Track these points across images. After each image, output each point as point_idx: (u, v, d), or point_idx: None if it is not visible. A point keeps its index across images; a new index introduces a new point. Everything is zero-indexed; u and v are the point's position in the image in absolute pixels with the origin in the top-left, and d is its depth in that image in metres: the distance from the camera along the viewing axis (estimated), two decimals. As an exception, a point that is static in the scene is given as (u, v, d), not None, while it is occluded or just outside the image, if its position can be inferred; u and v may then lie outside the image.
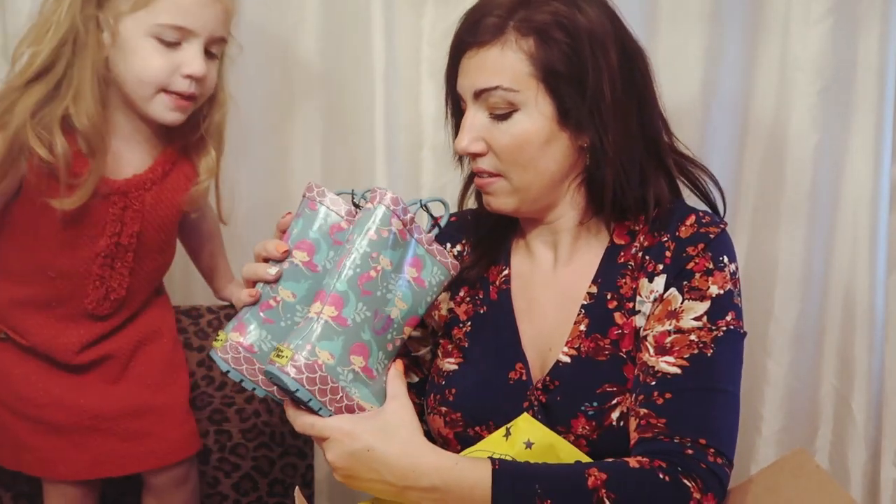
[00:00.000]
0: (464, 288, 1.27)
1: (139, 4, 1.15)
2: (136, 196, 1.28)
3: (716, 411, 1.07)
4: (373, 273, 1.04)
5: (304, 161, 1.71)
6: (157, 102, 1.21)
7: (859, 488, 1.74)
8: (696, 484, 1.00)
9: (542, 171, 1.13)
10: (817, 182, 1.67)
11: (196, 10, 1.17)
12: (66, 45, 1.16)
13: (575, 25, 1.07)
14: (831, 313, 1.75)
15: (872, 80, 1.63)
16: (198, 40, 1.19)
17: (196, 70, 1.19)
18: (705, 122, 1.67)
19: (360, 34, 1.63)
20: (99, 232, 1.26)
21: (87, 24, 1.15)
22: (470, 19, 1.12)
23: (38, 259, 1.28)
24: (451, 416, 1.20)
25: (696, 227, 1.14)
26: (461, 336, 1.24)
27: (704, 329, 1.09)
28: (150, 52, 1.17)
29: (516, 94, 1.09)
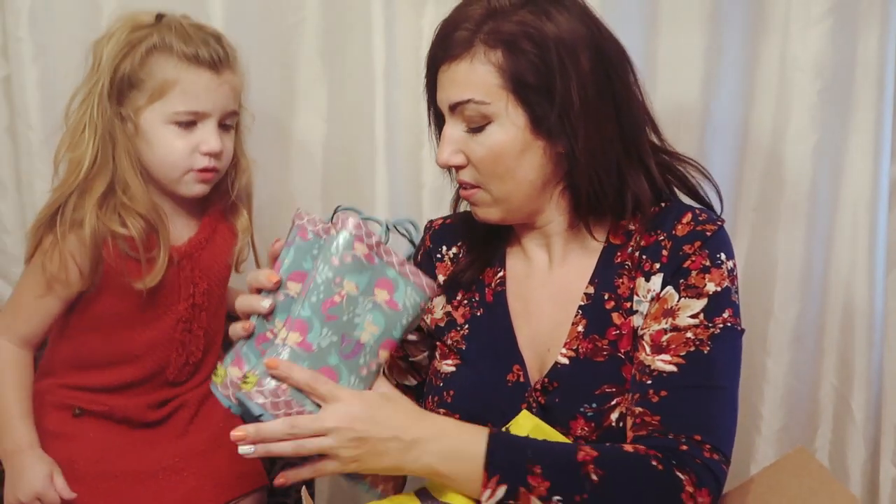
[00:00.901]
0: (460, 291, 1.27)
1: (154, 97, 1.25)
2: (198, 256, 1.36)
3: (712, 408, 1.07)
4: (337, 298, 1.04)
5: (304, 161, 1.71)
6: (184, 181, 1.31)
7: (858, 487, 1.74)
8: (690, 477, 1.00)
9: (520, 180, 1.13)
10: (817, 182, 1.67)
11: (206, 94, 1.26)
12: (105, 142, 1.26)
13: (542, 35, 1.07)
14: (831, 313, 1.74)
15: (872, 80, 1.63)
16: (212, 119, 1.28)
17: (214, 147, 1.29)
18: (705, 122, 1.67)
19: (360, 34, 1.63)
20: (176, 298, 1.35)
21: (113, 121, 1.26)
22: (441, 33, 1.13)
23: (124, 344, 1.34)
24: (450, 417, 1.19)
25: (692, 224, 1.14)
26: (458, 338, 1.24)
27: (701, 327, 1.09)
28: (171, 139, 1.27)
29: (488, 106, 1.09)
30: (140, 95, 1.26)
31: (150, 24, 1.28)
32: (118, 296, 1.31)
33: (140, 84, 1.25)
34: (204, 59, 1.25)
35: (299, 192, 1.73)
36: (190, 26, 1.28)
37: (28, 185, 1.61)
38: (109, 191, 1.27)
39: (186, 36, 1.26)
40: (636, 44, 1.64)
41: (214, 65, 1.27)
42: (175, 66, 1.25)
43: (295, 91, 1.69)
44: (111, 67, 1.25)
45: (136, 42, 1.25)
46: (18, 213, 1.65)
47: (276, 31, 1.65)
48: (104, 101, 1.25)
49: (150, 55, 1.24)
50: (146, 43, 1.25)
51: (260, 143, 1.67)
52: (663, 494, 1.00)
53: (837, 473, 1.75)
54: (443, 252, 1.32)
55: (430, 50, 1.15)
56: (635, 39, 1.64)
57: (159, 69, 1.24)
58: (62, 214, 1.26)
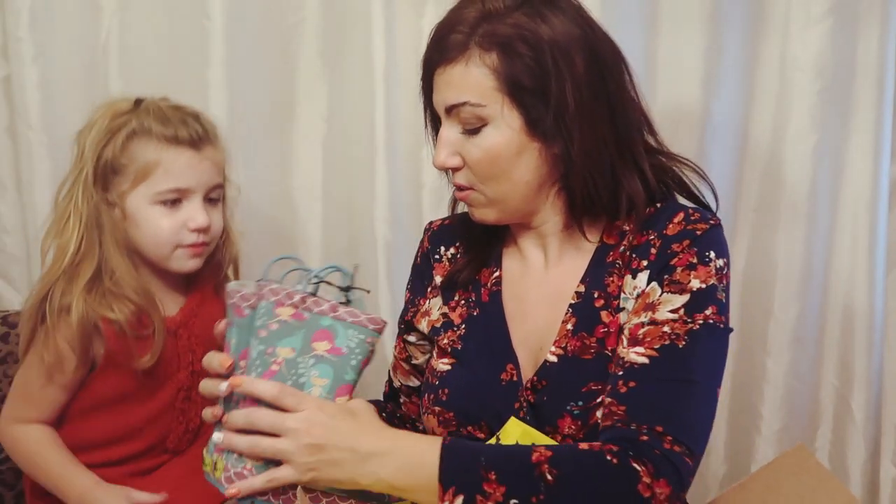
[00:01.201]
0: (458, 292, 1.27)
1: (138, 180, 1.27)
2: (193, 324, 1.38)
3: (679, 401, 1.06)
4: (274, 367, 1.03)
5: (304, 161, 1.71)
6: (175, 257, 1.33)
7: (859, 487, 1.74)
8: (647, 468, 1.00)
9: (516, 181, 1.13)
10: (817, 182, 1.67)
11: (189, 171, 1.29)
12: (90, 229, 1.29)
13: (537, 37, 1.07)
14: (831, 313, 1.74)
15: (872, 81, 1.63)
16: (196, 195, 1.30)
17: (201, 222, 1.31)
18: (705, 122, 1.67)
19: (360, 34, 1.64)
20: (176, 367, 1.36)
21: (99, 207, 1.29)
22: (436, 36, 1.13)
23: (126, 419, 1.35)
24: (445, 415, 1.20)
25: (683, 224, 1.14)
26: (455, 339, 1.24)
27: (679, 321, 1.09)
28: (158, 218, 1.29)
29: (483, 108, 1.09)
30: (124, 180, 1.28)
31: (128, 110, 1.30)
32: (120, 374, 1.32)
33: (123, 169, 1.28)
34: (183, 138, 1.28)
35: (299, 192, 1.73)
36: (168, 108, 1.31)
37: (28, 185, 1.62)
38: (96, 276, 1.29)
39: (164, 118, 1.29)
40: (636, 44, 1.65)
41: (194, 142, 1.29)
42: (155, 147, 1.27)
43: (295, 91, 1.69)
44: (94, 156, 1.28)
45: (116, 129, 1.28)
46: (18, 213, 1.65)
47: (276, 31, 1.65)
48: (88, 188, 1.28)
49: (130, 140, 1.27)
50: (126, 129, 1.27)
51: (260, 143, 1.68)
52: (620, 487, 0.99)
53: (838, 473, 1.75)
54: (441, 252, 1.32)
55: (426, 52, 1.15)
56: (635, 39, 1.65)
57: (140, 153, 1.27)
58: (50, 302, 1.28)
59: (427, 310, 1.31)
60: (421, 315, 1.32)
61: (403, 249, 1.64)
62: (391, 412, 1.39)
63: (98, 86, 1.62)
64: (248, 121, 1.65)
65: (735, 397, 1.82)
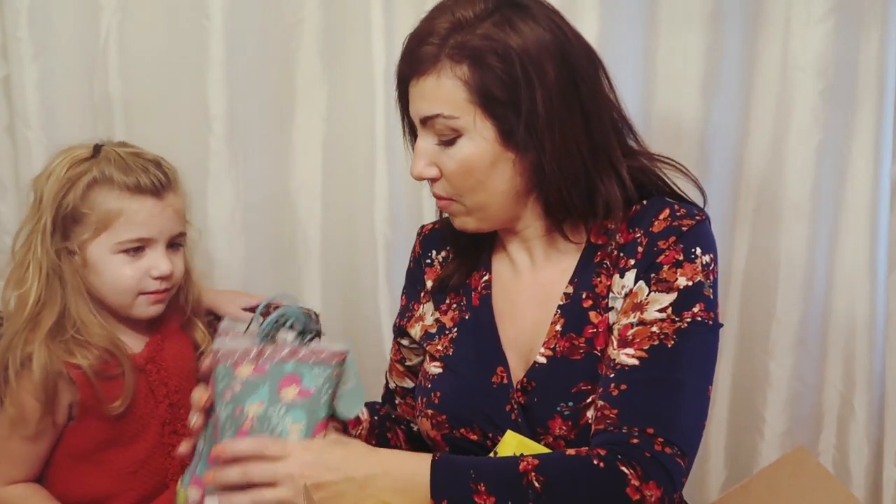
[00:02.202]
0: (449, 295, 1.28)
1: (100, 229, 1.27)
2: (160, 357, 1.36)
3: (670, 402, 1.06)
4: (247, 424, 1.03)
5: (304, 161, 1.71)
6: (137, 304, 1.32)
7: (862, 489, 1.73)
8: (636, 471, 1.00)
9: (493, 191, 1.13)
10: (819, 182, 1.66)
11: (151, 220, 1.28)
12: (50, 278, 1.28)
13: (506, 48, 1.07)
14: (833, 314, 1.74)
15: (873, 80, 1.63)
16: (159, 244, 1.30)
17: (164, 270, 1.30)
18: (705, 123, 1.67)
19: (360, 34, 1.64)
20: (154, 402, 1.35)
21: (60, 256, 1.28)
22: (408, 48, 1.13)
23: (120, 465, 1.33)
24: (438, 418, 1.21)
25: (669, 220, 1.13)
26: (447, 343, 1.25)
27: (667, 321, 1.09)
28: (120, 266, 1.28)
29: (456, 120, 1.09)
30: (85, 229, 1.27)
31: (88, 157, 1.29)
32: (98, 420, 1.30)
33: (83, 218, 1.26)
34: (146, 186, 1.27)
35: (299, 192, 1.72)
36: (128, 155, 1.29)
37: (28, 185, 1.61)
38: (58, 324, 1.28)
39: (125, 166, 1.27)
40: (636, 44, 1.65)
41: (157, 191, 1.28)
42: (117, 197, 1.26)
43: (295, 91, 1.69)
44: (53, 205, 1.26)
45: (76, 178, 1.26)
46: (18, 213, 1.64)
47: (276, 31, 1.65)
48: (47, 238, 1.27)
49: (91, 189, 1.26)
50: (86, 177, 1.26)
51: (260, 143, 1.68)
52: (608, 490, 1.00)
53: (841, 476, 1.74)
54: (432, 257, 1.33)
55: (399, 64, 1.15)
56: (635, 39, 1.65)
57: (102, 201, 1.26)
58: (13, 354, 1.27)
59: (421, 315, 1.32)
60: (415, 320, 1.32)
61: (403, 249, 1.62)
62: (385, 416, 1.40)
63: (97, 86, 1.62)
64: (247, 121, 1.65)
65: (737, 400, 1.81)
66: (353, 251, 1.74)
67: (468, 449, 1.20)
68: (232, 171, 1.64)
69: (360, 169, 1.68)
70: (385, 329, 1.72)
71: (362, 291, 1.74)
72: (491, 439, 1.17)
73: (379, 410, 1.40)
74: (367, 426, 1.37)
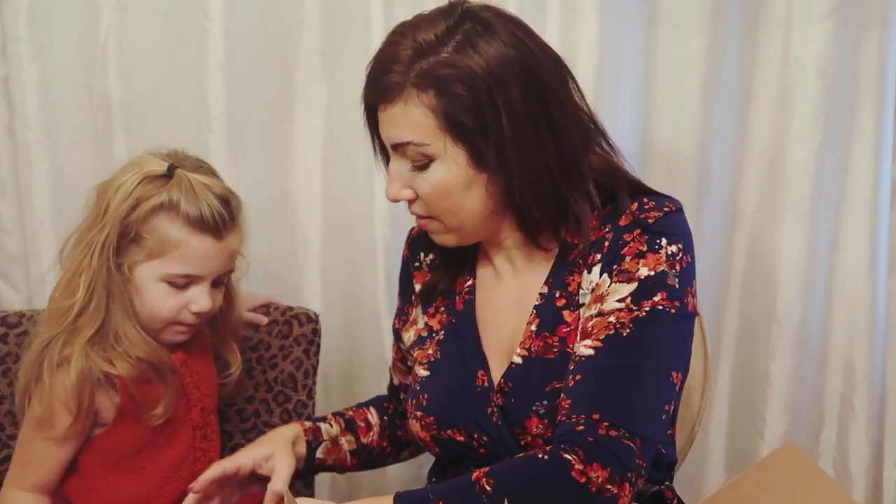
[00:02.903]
0: (437, 298, 1.29)
1: (153, 255, 1.24)
2: (191, 362, 1.36)
3: (620, 387, 1.07)
4: None
5: (304, 161, 1.71)
6: (167, 331, 1.31)
7: (862, 490, 1.73)
8: (578, 456, 1.02)
9: (468, 212, 1.14)
10: (819, 182, 1.66)
11: (203, 260, 1.26)
12: (99, 290, 1.26)
13: (471, 73, 1.07)
14: (834, 315, 1.74)
15: (874, 80, 1.62)
16: (205, 281, 1.28)
17: (203, 308, 1.28)
18: (705, 122, 1.67)
19: (360, 34, 1.63)
20: (188, 406, 1.35)
21: (111, 270, 1.26)
22: (372, 76, 1.13)
23: (154, 470, 1.33)
24: (426, 419, 1.23)
25: (636, 213, 1.14)
26: (436, 346, 1.26)
27: (625, 310, 1.09)
28: (163, 295, 1.27)
29: (427, 146, 1.10)
30: (139, 250, 1.25)
31: (160, 175, 1.26)
32: (133, 427, 1.31)
33: (141, 240, 1.24)
34: (209, 224, 1.24)
35: (299, 193, 1.72)
36: (200, 185, 1.26)
37: (27, 185, 1.61)
38: (99, 334, 1.27)
39: (195, 199, 1.24)
40: (636, 44, 1.65)
41: (218, 231, 1.25)
42: (179, 228, 1.24)
43: (295, 91, 1.69)
44: (118, 219, 1.24)
45: (143, 198, 1.24)
46: (18, 213, 1.65)
47: (276, 31, 1.65)
48: (106, 251, 1.25)
49: (155, 213, 1.23)
50: (154, 200, 1.23)
51: (260, 142, 1.68)
52: (554, 479, 1.02)
53: (841, 476, 1.74)
54: (420, 259, 1.35)
55: (364, 91, 1.15)
56: (635, 39, 1.65)
57: (163, 229, 1.23)
58: (49, 354, 1.26)
59: (415, 318, 1.33)
60: (409, 324, 1.34)
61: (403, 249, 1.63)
62: (393, 413, 1.43)
63: (97, 85, 1.62)
64: (247, 121, 1.65)
65: (737, 401, 1.81)
66: (353, 251, 1.74)
67: (456, 449, 1.22)
68: (232, 171, 1.63)
69: (360, 169, 1.68)
70: (385, 329, 1.72)
71: (362, 291, 1.74)
72: (477, 440, 1.19)
73: (387, 409, 1.42)
74: (378, 429, 1.39)
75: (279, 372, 1.52)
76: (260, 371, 1.52)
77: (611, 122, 1.18)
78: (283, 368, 1.52)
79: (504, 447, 1.16)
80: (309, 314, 1.54)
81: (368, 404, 1.44)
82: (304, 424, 1.32)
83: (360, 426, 1.38)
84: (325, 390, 1.77)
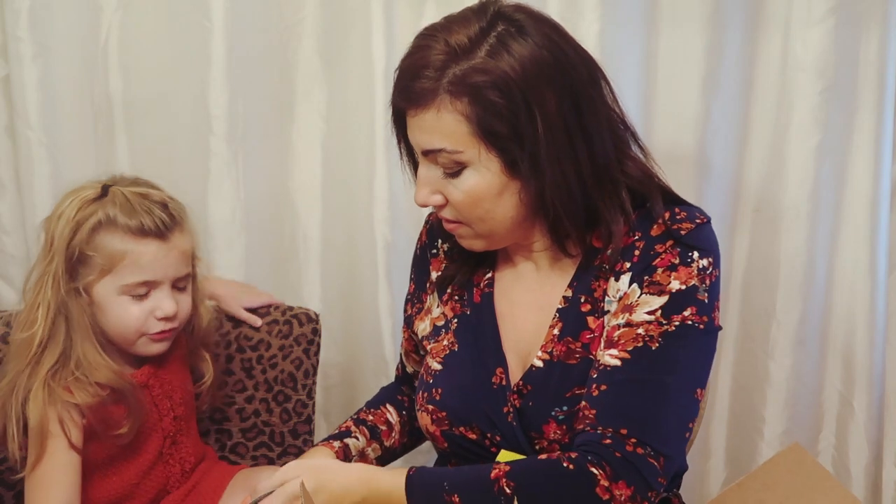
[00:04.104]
0: (452, 286, 1.27)
1: (105, 271, 1.27)
2: (162, 373, 1.37)
3: (647, 403, 1.06)
4: None
5: (304, 161, 1.71)
6: (140, 343, 1.32)
7: (861, 489, 1.73)
8: (605, 471, 1.01)
9: (500, 219, 1.12)
10: (819, 182, 1.66)
11: (155, 263, 1.28)
12: (57, 318, 1.28)
13: (506, 80, 1.04)
14: (833, 314, 1.74)
15: (873, 80, 1.62)
16: (164, 285, 1.30)
17: (168, 311, 1.30)
18: (705, 122, 1.67)
19: (360, 34, 1.64)
20: (158, 416, 1.36)
21: (69, 296, 1.28)
22: (402, 82, 1.10)
23: (122, 478, 1.35)
24: (438, 414, 1.21)
25: (668, 224, 1.12)
26: (452, 338, 1.24)
27: (654, 323, 1.08)
28: (125, 307, 1.29)
29: (461, 154, 1.07)
30: (90, 270, 1.27)
31: (95, 198, 1.28)
32: (102, 440, 1.31)
33: (89, 260, 1.26)
34: (150, 229, 1.26)
35: (299, 192, 1.73)
36: (134, 196, 1.28)
37: (28, 185, 1.62)
38: (60, 362, 1.28)
39: (130, 208, 1.27)
40: (636, 44, 1.65)
41: (161, 233, 1.27)
42: (121, 240, 1.26)
43: (295, 91, 1.69)
44: (63, 247, 1.27)
45: (82, 220, 1.26)
46: (18, 213, 1.65)
47: (276, 31, 1.65)
48: (58, 280, 1.27)
49: (96, 232, 1.26)
50: (92, 220, 1.26)
51: (260, 142, 1.68)
52: (578, 492, 1.01)
53: (841, 476, 1.74)
54: (438, 246, 1.32)
55: (394, 95, 1.12)
56: (635, 39, 1.65)
57: (107, 244, 1.26)
58: (16, 393, 1.27)
59: (429, 307, 1.31)
60: (424, 313, 1.32)
61: (403, 249, 1.64)
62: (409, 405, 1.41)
63: (98, 86, 1.62)
64: (247, 121, 1.65)
65: (737, 400, 1.81)
66: (353, 251, 1.74)
67: (467, 447, 1.20)
68: (232, 170, 1.64)
69: (360, 169, 1.68)
70: (385, 329, 1.72)
71: (362, 291, 1.74)
72: (490, 439, 1.17)
73: (403, 402, 1.40)
74: (399, 427, 1.37)
75: (279, 372, 1.52)
76: (260, 371, 1.52)
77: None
78: (283, 368, 1.52)
79: (517, 448, 1.15)
80: (309, 314, 1.55)
81: (385, 401, 1.40)
82: (333, 446, 1.28)
83: (383, 430, 1.35)
84: (325, 390, 1.77)
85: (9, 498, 1.44)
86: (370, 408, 1.39)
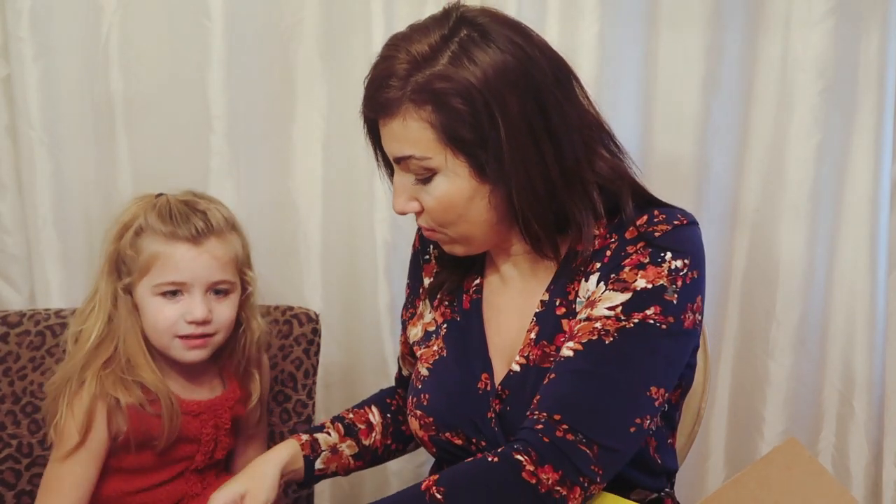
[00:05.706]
0: (442, 292, 1.29)
1: (143, 273, 1.32)
2: (222, 413, 1.40)
3: (588, 392, 1.06)
4: None
5: (305, 161, 1.71)
6: (174, 347, 1.34)
7: (861, 489, 1.73)
8: (531, 457, 1.01)
9: (474, 222, 1.13)
10: (819, 182, 1.67)
11: (184, 266, 1.31)
12: (109, 316, 1.34)
13: (467, 86, 1.04)
14: (833, 314, 1.74)
15: (873, 81, 1.63)
16: (196, 289, 1.32)
17: (197, 316, 1.32)
18: (705, 122, 1.67)
19: (360, 34, 1.64)
20: (195, 450, 1.38)
21: (117, 296, 1.35)
22: (369, 92, 1.11)
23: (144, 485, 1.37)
24: (425, 419, 1.22)
25: (644, 227, 1.12)
26: (441, 343, 1.25)
27: (613, 318, 1.08)
28: (159, 307, 1.32)
29: (429, 160, 1.08)
30: (133, 272, 1.33)
31: (144, 206, 1.34)
32: (140, 448, 1.34)
33: (132, 262, 1.32)
34: (182, 234, 1.30)
35: (299, 193, 1.73)
36: (177, 203, 1.34)
37: (28, 185, 1.61)
38: (113, 359, 1.33)
39: (168, 215, 1.32)
40: (636, 44, 1.65)
41: (193, 238, 1.31)
42: (157, 242, 1.31)
43: (295, 91, 1.69)
44: (112, 249, 1.34)
45: (128, 225, 1.33)
46: (18, 213, 1.65)
47: (276, 31, 1.65)
48: (109, 278, 1.35)
49: (138, 236, 1.32)
50: (136, 224, 1.33)
51: (260, 143, 1.68)
52: (504, 480, 1.02)
53: (840, 475, 1.75)
54: (430, 252, 1.33)
55: (363, 107, 1.14)
56: (635, 39, 1.65)
57: (145, 246, 1.31)
58: (70, 383, 1.32)
59: (421, 312, 1.32)
60: (416, 318, 1.33)
61: (403, 250, 1.63)
62: (396, 409, 1.42)
63: (99, 85, 1.62)
64: (247, 121, 1.65)
65: (737, 400, 1.82)
66: (353, 251, 1.74)
67: (454, 452, 1.20)
68: (232, 170, 1.64)
69: (360, 169, 1.68)
70: (385, 329, 1.72)
71: (362, 291, 1.75)
72: (475, 444, 1.18)
73: (390, 405, 1.41)
74: (381, 428, 1.38)
75: (279, 372, 1.53)
76: (260, 370, 1.52)
77: (610, 121, 1.16)
78: (283, 368, 1.53)
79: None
80: (309, 314, 1.55)
81: (370, 402, 1.42)
82: (301, 438, 1.30)
83: (361, 429, 1.36)
84: (325, 390, 1.77)
85: (9, 498, 1.45)
86: (354, 408, 1.40)
